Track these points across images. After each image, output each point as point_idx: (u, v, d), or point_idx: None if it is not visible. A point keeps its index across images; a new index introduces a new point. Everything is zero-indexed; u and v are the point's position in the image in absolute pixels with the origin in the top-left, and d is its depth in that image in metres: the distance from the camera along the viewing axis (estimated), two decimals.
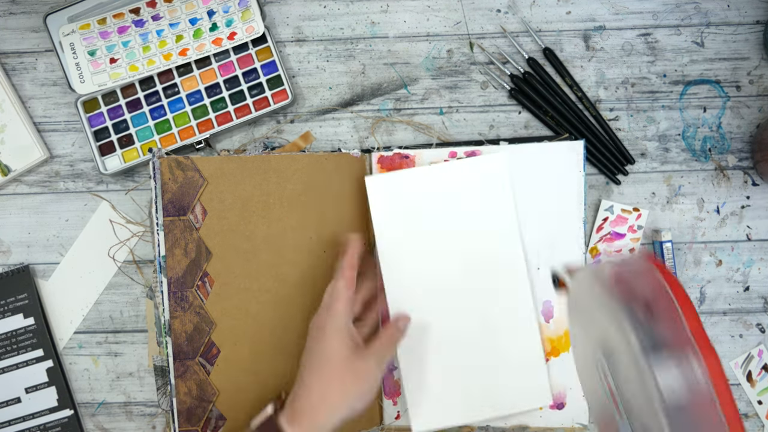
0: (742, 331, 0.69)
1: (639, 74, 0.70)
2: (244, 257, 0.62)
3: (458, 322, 0.65)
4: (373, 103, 0.70)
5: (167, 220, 0.60)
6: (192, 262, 0.60)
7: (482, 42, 0.70)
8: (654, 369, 0.33)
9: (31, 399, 0.68)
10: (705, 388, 0.32)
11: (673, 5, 0.70)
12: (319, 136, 0.70)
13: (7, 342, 0.68)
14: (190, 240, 0.60)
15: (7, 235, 0.70)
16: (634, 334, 0.34)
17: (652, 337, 0.34)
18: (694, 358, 0.32)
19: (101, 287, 0.70)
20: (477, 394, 0.65)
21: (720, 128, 0.69)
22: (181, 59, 0.68)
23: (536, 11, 0.70)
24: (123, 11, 0.68)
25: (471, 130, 0.70)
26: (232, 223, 0.61)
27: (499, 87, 0.70)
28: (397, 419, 0.67)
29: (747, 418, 0.69)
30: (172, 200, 0.60)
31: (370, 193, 0.65)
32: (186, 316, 0.60)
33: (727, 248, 0.69)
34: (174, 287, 0.60)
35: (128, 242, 0.69)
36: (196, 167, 0.61)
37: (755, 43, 0.69)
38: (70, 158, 0.70)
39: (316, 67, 0.70)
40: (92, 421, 0.70)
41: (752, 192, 0.69)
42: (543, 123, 0.69)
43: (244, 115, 0.69)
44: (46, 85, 0.70)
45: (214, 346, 0.61)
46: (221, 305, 0.61)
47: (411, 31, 0.70)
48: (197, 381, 0.60)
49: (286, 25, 0.71)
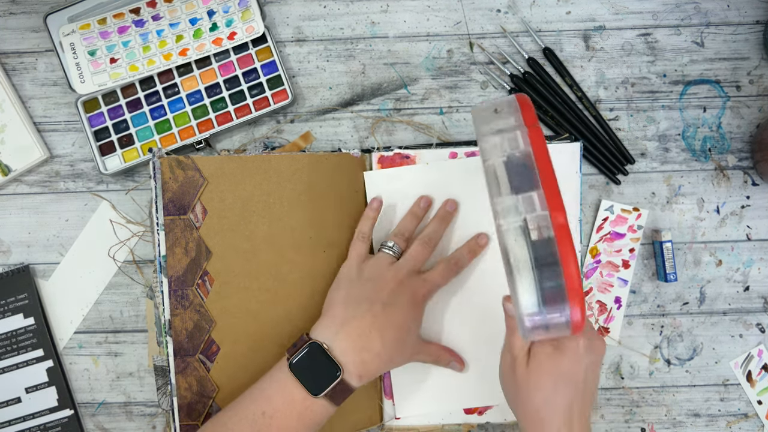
0: (742, 331, 0.69)
1: (639, 74, 0.70)
2: (244, 256, 0.62)
3: (453, 314, 0.66)
4: (373, 103, 0.70)
5: (168, 219, 0.60)
6: (192, 261, 0.60)
7: (482, 42, 0.70)
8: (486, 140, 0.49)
9: (31, 399, 0.68)
10: (525, 151, 0.47)
11: (673, 5, 0.70)
12: (319, 136, 0.70)
13: (7, 342, 0.68)
14: (190, 239, 0.60)
15: (7, 235, 0.70)
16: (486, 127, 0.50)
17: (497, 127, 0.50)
18: (520, 131, 0.48)
19: (101, 287, 0.70)
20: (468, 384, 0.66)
21: (720, 128, 0.69)
22: (181, 59, 0.68)
23: (536, 11, 0.70)
24: (123, 11, 0.69)
25: (471, 130, 0.70)
26: (232, 223, 0.61)
27: (499, 87, 0.70)
28: (397, 419, 0.67)
29: (747, 418, 0.69)
30: (172, 199, 0.60)
31: (368, 187, 0.66)
32: (186, 314, 0.60)
33: (727, 248, 0.69)
34: (174, 285, 0.60)
35: (128, 242, 0.69)
36: (197, 167, 0.61)
37: (755, 43, 0.70)
38: (70, 158, 0.70)
39: (316, 67, 0.70)
40: (92, 421, 0.69)
41: (752, 192, 0.69)
42: (543, 123, 0.69)
43: (244, 115, 0.69)
44: (46, 85, 0.71)
45: (214, 343, 0.61)
46: (221, 304, 0.61)
47: (411, 31, 0.70)
48: (197, 377, 0.61)
49: (286, 25, 0.71)
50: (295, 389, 0.54)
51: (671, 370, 0.69)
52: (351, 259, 0.63)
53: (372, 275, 0.60)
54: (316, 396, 0.54)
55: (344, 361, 0.55)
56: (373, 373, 0.57)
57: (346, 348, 0.56)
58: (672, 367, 0.69)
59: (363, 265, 0.62)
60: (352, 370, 0.55)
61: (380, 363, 0.57)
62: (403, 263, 0.61)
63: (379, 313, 0.57)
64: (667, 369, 0.69)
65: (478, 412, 0.68)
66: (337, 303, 0.59)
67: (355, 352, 0.56)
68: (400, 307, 0.59)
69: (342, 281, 0.61)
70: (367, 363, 0.56)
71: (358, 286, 0.60)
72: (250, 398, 0.55)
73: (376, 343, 0.56)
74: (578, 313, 0.45)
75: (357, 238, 0.64)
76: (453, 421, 0.68)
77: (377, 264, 0.61)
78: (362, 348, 0.56)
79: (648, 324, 0.69)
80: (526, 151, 0.47)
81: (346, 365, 0.55)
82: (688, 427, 0.69)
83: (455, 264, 0.64)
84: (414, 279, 0.61)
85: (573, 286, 0.44)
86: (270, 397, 0.55)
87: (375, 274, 0.60)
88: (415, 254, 0.62)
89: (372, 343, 0.56)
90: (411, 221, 0.65)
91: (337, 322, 0.57)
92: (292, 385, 0.54)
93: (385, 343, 0.57)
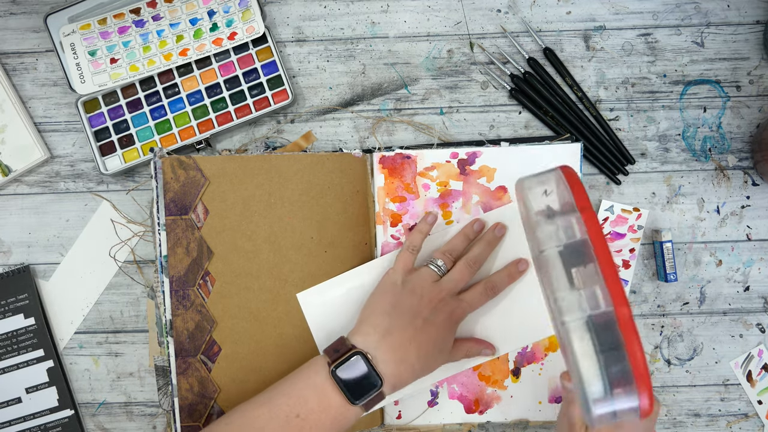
0: (742, 331, 0.69)
1: (639, 74, 0.70)
2: (245, 256, 0.62)
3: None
4: (373, 103, 0.70)
5: (169, 219, 0.60)
6: (194, 261, 0.60)
7: (482, 42, 0.70)
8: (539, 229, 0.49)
9: (31, 399, 0.68)
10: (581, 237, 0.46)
11: (673, 5, 0.70)
12: (320, 136, 0.70)
13: (7, 342, 0.68)
14: (191, 239, 0.60)
15: (7, 235, 0.70)
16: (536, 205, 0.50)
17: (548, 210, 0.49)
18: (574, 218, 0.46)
19: (101, 287, 0.70)
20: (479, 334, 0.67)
21: (720, 128, 0.70)
22: (182, 59, 0.68)
23: (536, 11, 0.70)
24: (123, 11, 0.68)
25: (471, 130, 0.70)
26: (233, 223, 0.61)
27: (499, 87, 0.70)
28: (398, 419, 0.67)
29: (747, 418, 0.69)
30: (174, 199, 0.60)
31: (305, 310, 0.65)
32: (188, 315, 0.60)
33: (727, 248, 0.69)
34: (176, 285, 0.60)
35: (129, 242, 0.69)
36: (198, 167, 0.61)
37: (755, 43, 0.70)
38: (70, 158, 0.70)
39: (317, 67, 0.70)
40: (93, 422, 0.69)
41: (752, 192, 0.69)
42: (543, 123, 0.69)
43: (245, 115, 0.69)
44: (46, 85, 0.70)
45: (215, 344, 0.61)
46: (222, 304, 0.61)
47: (411, 31, 0.70)
48: (198, 378, 0.61)
49: (286, 25, 0.71)
50: (333, 395, 0.55)
51: (671, 370, 0.69)
52: (397, 269, 0.62)
53: (416, 289, 0.60)
54: (354, 404, 0.54)
55: (384, 371, 0.56)
56: (404, 384, 0.58)
57: (387, 359, 0.56)
58: (672, 367, 0.69)
59: (409, 277, 0.61)
60: (389, 381, 0.56)
61: (413, 375, 0.58)
62: (446, 282, 0.61)
63: (420, 328, 0.58)
64: (667, 369, 0.69)
65: (479, 411, 0.68)
66: (381, 311, 0.59)
67: (395, 364, 0.56)
68: (437, 326, 0.59)
69: (387, 289, 0.61)
70: (402, 374, 0.57)
71: (402, 297, 0.59)
72: (283, 398, 0.55)
73: (412, 356, 0.57)
74: (646, 400, 0.44)
75: (406, 249, 0.63)
76: (454, 421, 0.68)
77: (423, 279, 0.61)
78: (400, 360, 0.56)
79: (648, 324, 0.69)
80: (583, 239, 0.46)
81: (385, 376, 0.55)
82: (688, 427, 0.69)
83: (491, 289, 0.64)
84: (453, 299, 0.61)
85: (640, 373, 0.44)
86: (306, 399, 0.55)
87: (419, 288, 0.60)
88: (458, 276, 0.62)
89: (409, 356, 0.57)
90: (461, 242, 0.65)
91: (380, 331, 0.57)
92: (331, 391, 0.55)
93: (419, 357, 0.57)
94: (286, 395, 0.55)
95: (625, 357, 0.44)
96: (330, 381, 0.55)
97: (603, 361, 0.44)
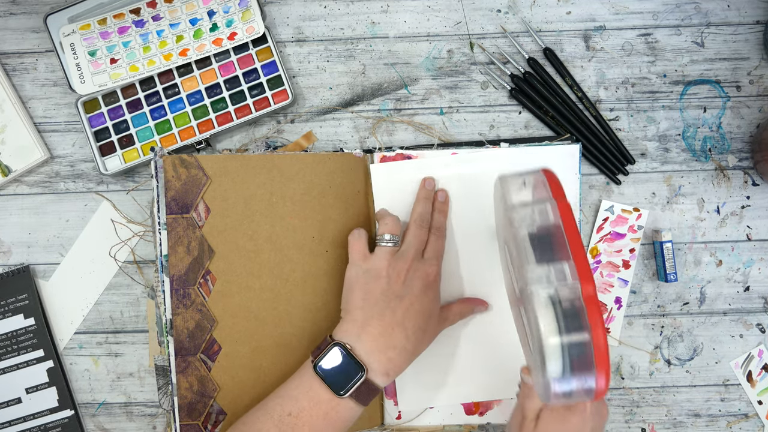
0: (742, 331, 0.69)
1: (639, 74, 0.70)
2: (246, 256, 0.62)
3: None
4: (373, 104, 0.70)
5: (170, 217, 0.60)
6: (194, 260, 0.60)
7: (482, 42, 0.70)
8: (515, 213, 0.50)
9: (31, 399, 0.68)
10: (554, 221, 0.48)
11: (673, 5, 0.70)
12: (320, 136, 0.70)
13: (7, 342, 0.68)
14: (192, 238, 0.60)
15: (7, 235, 0.70)
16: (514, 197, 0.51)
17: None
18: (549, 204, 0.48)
19: (101, 287, 0.69)
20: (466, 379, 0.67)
21: (720, 128, 0.70)
22: (182, 59, 0.68)
23: (536, 11, 0.70)
24: (123, 11, 0.68)
25: (471, 130, 0.70)
26: (234, 222, 0.61)
27: (499, 87, 0.70)
28: (398, 419, 0.67)
29: (747, 418, 0.69)
30: (175, 198, 0.60)
31: (374, 180, 0.67)
32: (188, 313, 0.60)
33: (727, 248, 0.69)
34: (176, 284, 0.60)
35: (129, 242, 0.69)
36: (200, 165, 0.61)
37: (755, 43, 0.70)
38: (70, 159, 0.70)
39: (317, 67, 0.70)
40: (93, 422, 0.69)
41: (752, 192, 0.69)
42: (543, 123, 0.70)
43: (245, 116, 0.69)
44: (46, 85, 0.70)
45: (215, 343, 0.61)
46: (223, 303, 0.61)
47: (411, 31, 0.70)
48: (198, 377, 0.61)
49: (286, 26, 0.71)
50: (320, 390, 0.55)
51: (671, 371, 0.69)
52: (354, 261, 0.62)
53: (380, 272, 0.60)
54: (341, 396, 0.55)
55: (369, 360, 0.56)
56: (401, 368, 0.58)
57: (370, 348, 0.56)
58: (672, 367, 0.69)
59: (367, 264, 0.61)
60: (378, 369, 0.56)
61: (407, 356, 0.58)
62: (405, 250, 0.61)
63: (397, 308, 0.57)
64: (667, 369, 0.69)
65: (479, 412, 0.68)
66: (354, 307, 0.59)
67: (381, 351, 0.56)
68: (416, 296, 0.59)
69: (353, 284, 0.60)
70: (394, 360, 0.56)
71: (369, 286, 0.59)
72: (277, 400, 0.56)
73: (400, 339, 0.57)
74: (603, 382, 0.45)
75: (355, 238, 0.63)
76: (454, 422, 0.68)
77: (381, 259, 0.60)
78: (387, 346, 0.56)
79: (648, 324, 0.69)
80: (556, 222, 0.48)
81: (370, 364, 0.56)
82: (688, 428, 0.69)
83: (438, 230, 0.64)
84: (419, 262, 0.61)
85: (600, 355, 0.45)
86: (296, 397, 0.55)
87: (382, 269, 0.60)
88: (412, 237, 0.62)
89: (395, 340, 0.57)
90: (426, 205, 0.65)
91: (358, 325, 0.57)
92: (317, 385, 0.55)
93: (408, 335, 0.57)
94: (279, 396, 0.56)
95: (587, 336, 0.45)
96: (315, 376, 0.55)
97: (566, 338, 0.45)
